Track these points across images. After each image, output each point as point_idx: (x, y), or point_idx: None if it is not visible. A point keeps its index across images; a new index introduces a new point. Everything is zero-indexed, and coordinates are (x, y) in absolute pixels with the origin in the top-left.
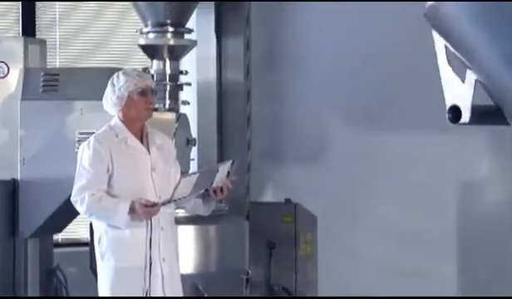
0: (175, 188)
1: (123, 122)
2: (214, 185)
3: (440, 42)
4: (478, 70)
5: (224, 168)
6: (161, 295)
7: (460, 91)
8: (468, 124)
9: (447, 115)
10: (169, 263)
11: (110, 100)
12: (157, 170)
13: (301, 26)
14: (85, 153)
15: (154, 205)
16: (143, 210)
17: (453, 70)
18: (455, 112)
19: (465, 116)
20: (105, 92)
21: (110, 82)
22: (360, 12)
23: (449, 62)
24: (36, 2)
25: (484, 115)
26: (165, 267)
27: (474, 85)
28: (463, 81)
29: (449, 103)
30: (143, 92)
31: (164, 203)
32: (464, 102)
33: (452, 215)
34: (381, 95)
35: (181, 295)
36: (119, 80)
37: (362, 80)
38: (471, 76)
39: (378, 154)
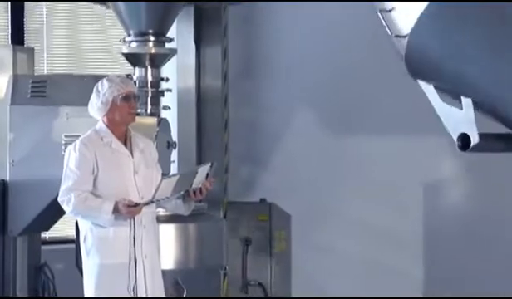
0: (157, 190)
1: (107, 126)
2: (193, 186)
3: (428, 89)
4: (471, 89)
5: (203, 170)
6: (144, 289)
7: (461, 117)
8: (479, 151)
9: (457, 144)
10: (151, 260)
11: (96, 106)
12: (140, 172)
13: (276, 35)
14: (71, 155)
15: (136, 205)
16: (126, 210)
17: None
18: (464, 139)
19: (474, 138)
20: (91, 98)
21: (95, 88)
22: (333, 19)
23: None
24: (25, 13)
25: (495, 141)
26: (148, 264)
27: (472, 106)
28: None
29: (456, 133)
30: (126, 97)
31: (146, 204)
32: (468, 126)
33: (418, 214)
34: (350, 101)
35: (162, 289)
36: (103, 87)
37: (333, 86)
38: (467, 100)
39: (348, 157)
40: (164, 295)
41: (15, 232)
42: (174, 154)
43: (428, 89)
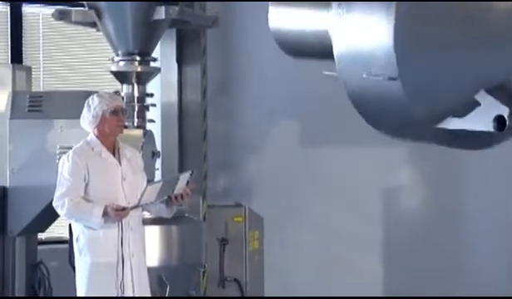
0: (142, 195)
1: (98, 138)
2: (175, 192)
3: (450, 122)
4: (477, 81)
5: (184, 177)
6: (131, 286)
7: (485, 108)
8: None
9: (493, 126)
10: (137, 258)
11: (87, 119)
12: (127, 179)
13: (249, 56)
14: (65, 164)
15: (124, 209)
16: (114, 213)
17: None
18: (500, 120)
19: (505, 112)
20: (83, 112)
21: (86, 103)
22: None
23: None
24: (24, 35)
25: None
26: (134, 262)
27: (486, 93)
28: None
29: (489, 123)
30: (115, 111)
31: (132, 208)
32: (495, 108)
33: (378, 217)
34: (317, 114)
35: (148, 286)
36: (94, 102)
37: (300, 101)
38: (481, 94)
39: (315, 165)
40: (149, 290)
41: (14, 233)
42: (158, 163)
43: (450, 122)
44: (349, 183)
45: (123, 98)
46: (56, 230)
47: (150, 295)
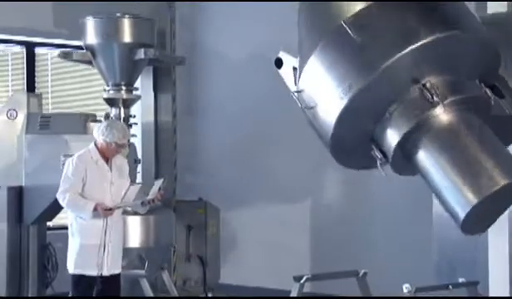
0: (124, 194)
1: (98, 149)
2: (149, 196)
3: None
4: None
5: (157, 184)
6: (106, 264)
7: None
8: None
9: None
10: (115, 244)
11: (99, 136)
12: (114, 183)
13: (209, 86)
14: (69, 166)
15: (110, 209)
16: (103, 212)
17: None
18: None
19: None
20: (101, 127)
21: (106, 125)
22: (255, 70)
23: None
24: (36, 68)
25: None
26: (112, 246)
27: None
28: None
29: None
30: (121, 145)
31: (116, 208)
32: None
33: (306, 209)
34: (261, 130)
35: (120, 266)
36: (110, 131)
37: (248, 122)
38: None
39: (260, 169)
40: (120, 268)
41: (28, 221)
42: (139, 167)
43: None
44: (286, 182)
45: (112, 118)
46: (62, 219)
47: (120, 270)
